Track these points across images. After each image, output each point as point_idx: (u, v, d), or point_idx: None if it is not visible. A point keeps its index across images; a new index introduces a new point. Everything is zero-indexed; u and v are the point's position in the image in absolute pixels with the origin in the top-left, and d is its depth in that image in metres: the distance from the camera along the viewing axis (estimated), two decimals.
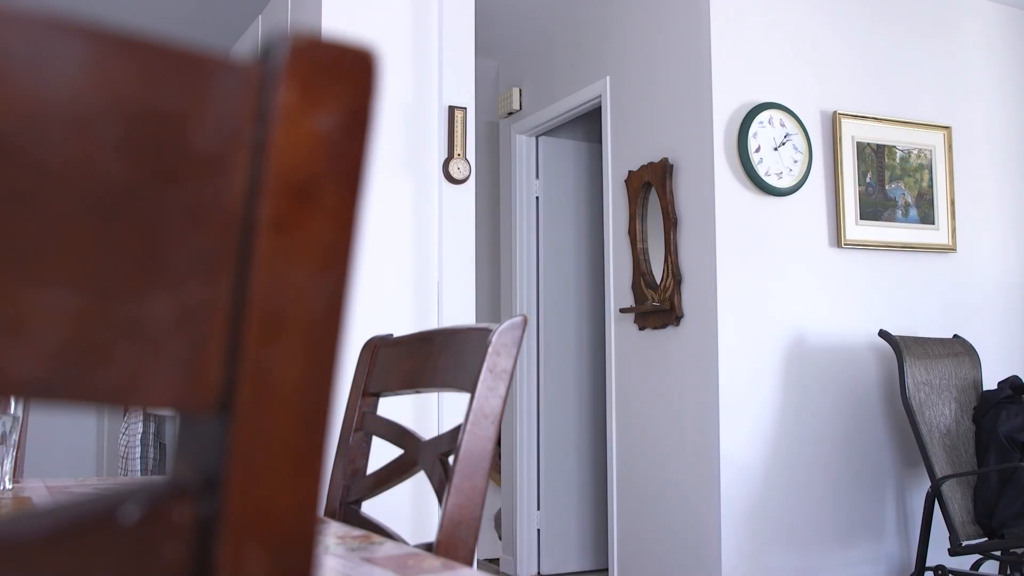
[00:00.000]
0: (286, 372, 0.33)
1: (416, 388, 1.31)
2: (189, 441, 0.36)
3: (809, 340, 3.36)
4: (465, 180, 2.94)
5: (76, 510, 0.32)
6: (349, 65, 0.33)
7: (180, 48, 0.31)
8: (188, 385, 0.33)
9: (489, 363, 1.06)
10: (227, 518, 0.33)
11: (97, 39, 0.30)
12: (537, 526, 4.44)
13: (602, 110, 3.99)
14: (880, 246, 3.52)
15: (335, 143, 0.33)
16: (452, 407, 2.80)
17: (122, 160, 0.30)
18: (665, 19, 3.62)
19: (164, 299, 0.32)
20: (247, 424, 0.33)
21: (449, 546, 1.04)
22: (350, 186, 0.34)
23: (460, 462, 1.06)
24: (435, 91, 2.95)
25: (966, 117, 3.84)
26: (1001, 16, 4.00)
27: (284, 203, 0.33)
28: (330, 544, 0.96)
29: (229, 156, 0.33)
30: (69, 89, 0.29)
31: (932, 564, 3.15)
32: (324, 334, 0.34)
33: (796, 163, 3.41)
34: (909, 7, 3.77)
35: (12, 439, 1.34)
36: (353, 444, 1.39)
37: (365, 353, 1.42)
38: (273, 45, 0.33)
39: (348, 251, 0.34)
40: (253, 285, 0.33)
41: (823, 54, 3.56)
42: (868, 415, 3.46)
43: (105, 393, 0.31)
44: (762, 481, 3.25)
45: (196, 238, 0.32)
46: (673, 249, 3.48)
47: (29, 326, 0.29)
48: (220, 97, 0.32)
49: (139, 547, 0.33)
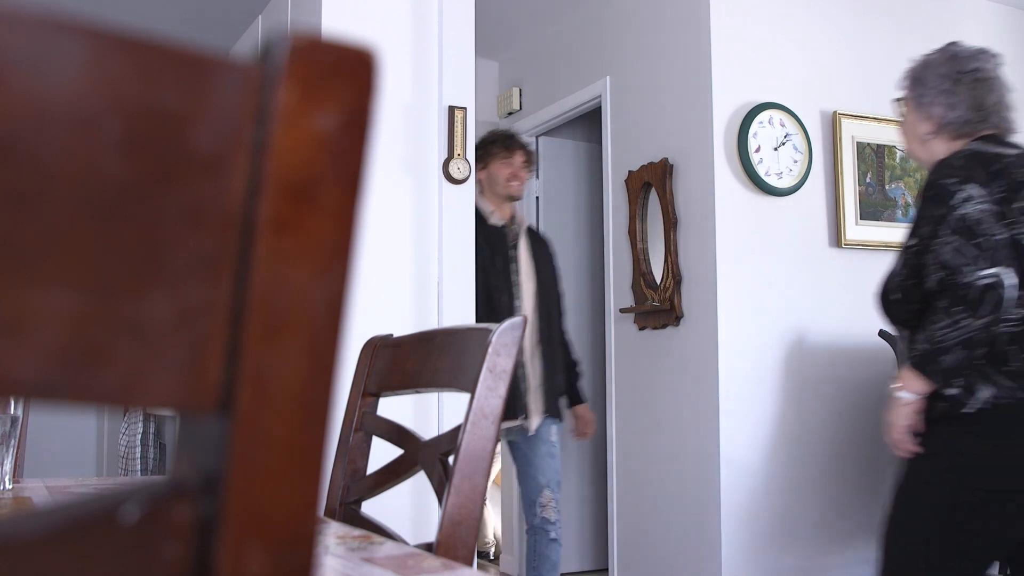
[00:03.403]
0: (286, 372, 0.33)
1: (416, 388, 1.31)
2: (189, 441, 0.36)
3: (809, 340, 3.36)
4: (465, 180, 2.94)
5: (76, 510, 0.32)
6: (349, 65, 0.33)
7: (180, 48, 0.31)
8: (188, 385, 0.33)
9: (489, 363, 1.06)
10: (227, 518, 0.33)
11: (97, 39, 0.30)
12: None
13: (602, 110, 3.99)
14: (880, 246, 3.52)
15: (335, 143, 0.33)
16: (452, 407, 2.80)
17: (122, 160, 0.31)
18: (665, 19, 3.62)
19: (164, 299, 0.32)
20: (247, 424, 0.33)
21: (449, 546, 1.04)
22: (350, 186, 0.34)
23: (460, 462, 1.06)
24: (435, 91, 2.95)
25: None
26: (1001, 16, 4.00)
27: (284, 203, 0.33)
28: (330, 544, 0.96)
29: (229, 156, 0.33)
30: (69, 89, 0.29)
31: None
32: (324, 334, 0.34)
33: (796, 163, 3.41)
34: (909, 7, 3.77)
35: (12, 439, 1.34)
36: (353, 444, 1.39)
37: (365, 353, 1.42)
38: (273, 45, 0.33)
39: (348, 251, 0.34)
40: (253, 285, 0.33)
41: (823, 54, 3.56)
42: (868, 415, 3.46)
43: (105, 393, 0.31)
44: (762, 481, 3.25)
45: (196, 238, 0.32)
46: (673, 249, 3.48)
47: (29, 326, 0.29)
48: (220, 97, 0.32)
49: (139, 547, 0.33)
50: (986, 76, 2.01)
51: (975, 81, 2.00)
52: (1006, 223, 1.84)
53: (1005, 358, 1.83)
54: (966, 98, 2.00)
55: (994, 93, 2.01)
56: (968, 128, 2.01)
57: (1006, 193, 1.87)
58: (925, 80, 2.06)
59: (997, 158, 1.92)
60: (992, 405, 1.82)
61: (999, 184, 1.87)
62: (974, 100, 2.00)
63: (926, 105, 2.06)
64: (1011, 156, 1.94)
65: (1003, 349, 1.84)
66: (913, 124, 2.11)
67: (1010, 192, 1.87)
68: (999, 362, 1.84)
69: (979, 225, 1.82)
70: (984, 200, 1.84)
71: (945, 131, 2.03)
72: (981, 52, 2.05)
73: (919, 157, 2.14)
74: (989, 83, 2.01)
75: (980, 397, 1.83)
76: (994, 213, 1.83)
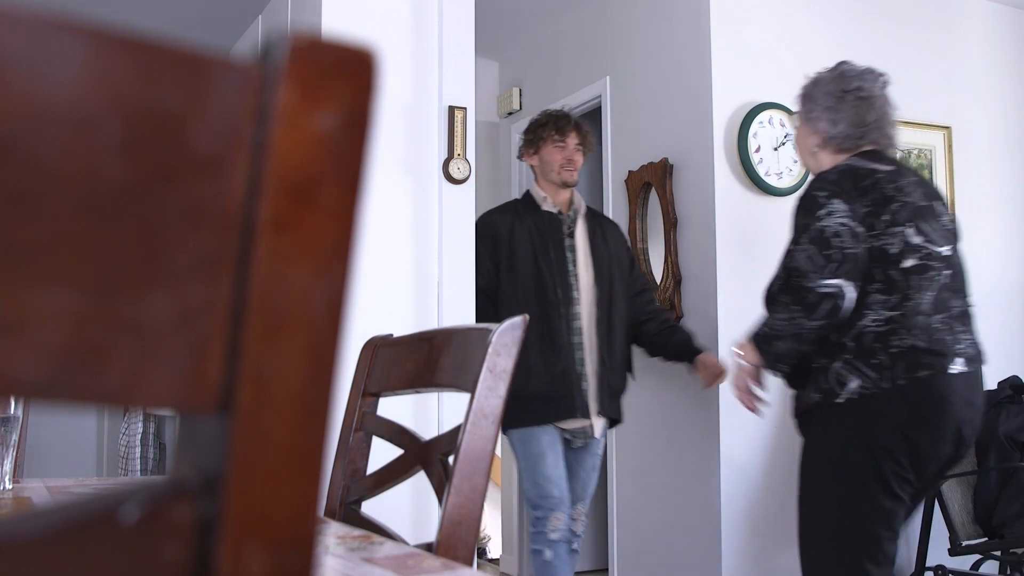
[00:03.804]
0: (286, 372, 0.33)
1: (416, 388, 1.31)
2: (189, 441, 0.36)
3: None
4: (465, 180, 2.94)
5: (76, 510, 0.32)
6: (349, 65, 0.33)
7: (180, 48, 0.31)
8: (188, 385, 0.33)
9: (489, 363, 1.06)
10: (227, 518, 0.33)
11: (97, 39, 0.30)
12: None
13: (602, 110, 3.99)
14: None
15: (335, 143, 0.33)
16: (452, 407, 2.80)
17: (122, 160, 0.30)
18: (665, 19, 3.62)
19: (164, 299, 0.32)
20: (247, 424, 0.33)
21: (449, 546, 1.04)
22: (350, 186, 0.34)
23: (460, 462, 1.06)
24: (435, 91, 2.95)
25: (966, 117, 3.84)
26: (1001, 16, 4.00)
27: (284, 203, 0.33)
28: (330, 544, 0.96)
29: (229, 156, 0.33)
30: (69, 89, 0.29)
31: (932, 564, 3.15)
32: (324, 334, 0.34)
33: (796, 163, 3.41)
34: (909, 7, 3.77)
35: (12, 439, 1.34)
36: (353, 444, 1.39)
37: (365, 353, 1.42)
38: (273, 45, 0.33)
39: (348, 251, 0.34)
40: (253, 285, 0.33)
41: (823, 54, 3.56)
42: None
43: (105, 393, 0.31)
44: (762, 481, 3.25)
45: (196, 238, 0.32)
46: (673, 249, 3.48)
47: (29, 326, 0.29)
48: (220, 97, 0.32)
49: (139, 547, 0.33)
50: (868, 95, 2.20)
51: (858, 99, 2.19)
52: (871, 235, 2.07)
53: (872, 353, 2.07)
54: (848, 115, 2.19)
55: (875, 111, 2.19)
56: (849, 143, 2.20)
57: (872, 207, 2.09)
58: (814, 97, 2.25)
59: (871, 173, 2.12)
60: (859, 395, 2.07)
61: (867, 199, 2.09)
62: (856, 117, 2.19)
63: (813, 120, 2.25)
64: (884, 172, 2.13)
65: (871, 346, 2.07)
66: (803, 137, 2.32)
67: (876, 206, 2.09)
68: (867, 356, 2.07)
69: (835, 238, 2.06)
70: (845, 215, 2.07)
71: (829, 145, 2.23)
72: (867, 72, 2.24)
73: (809, 167, 2.36)
74: (871, 101, 2.20)
75: (850, 388, 2.08)
76: (852, 229, 2.07)
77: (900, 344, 2.06)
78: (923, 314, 2.07)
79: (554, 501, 2.79)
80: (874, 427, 2.07)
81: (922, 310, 2.08)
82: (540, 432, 2.79)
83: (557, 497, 2.78)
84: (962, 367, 2.09)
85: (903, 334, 2.06)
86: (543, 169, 2.95)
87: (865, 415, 2.08)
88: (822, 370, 2.14)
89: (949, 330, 2.10)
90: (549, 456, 2.80)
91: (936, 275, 2.11)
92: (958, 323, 2.13)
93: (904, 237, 2.09)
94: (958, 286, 2.16)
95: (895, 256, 2.08)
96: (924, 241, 2.11)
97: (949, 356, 2.07)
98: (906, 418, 2.06)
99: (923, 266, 2.10)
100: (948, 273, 2.13)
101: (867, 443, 2.08)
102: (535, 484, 2.82)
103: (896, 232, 2.09)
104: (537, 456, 2.81)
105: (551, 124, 2.94)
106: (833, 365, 2.11)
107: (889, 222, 2.08)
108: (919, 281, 2.08)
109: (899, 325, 2.07)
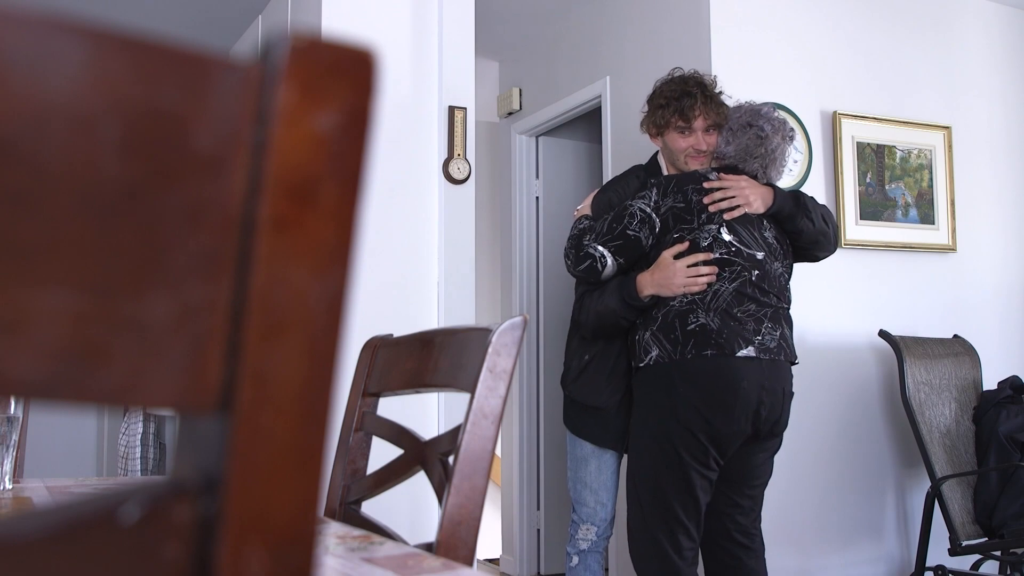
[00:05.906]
0: (286, 372, 0.33)
1: (416, 388, 1.31)
2: (189, 441, 0.36)
3: (809, 340, 3.36)
4: (465, 180, 2.94)
5: (76, 510, 0.32)
6: (349, 65, 0.33)
7: (180, 48, 0.32)
8: (188, 385, 0.33)
9: (489, 363, 1.06)
10: (227, 518, 0.33)
11: (97, 39, 0.30)
12: (537, 526, 4.44)
13: (602, 110, 3.99)
14: (880, 246, 3.52)
15: (335, 143, 0.34)
16: (452, 407, 2.80)
17: (122, 160, 0.31)
18: (665, 19, 3.62)
19: (164, 299, 0.32)
20: (247, 424, 0.33)
21: (449, 546, 1.04)
22: (350, 186, 0.34)
23: (460, 462, 1.06)
24: (435, 91, 2.95)
25: (966, 117, 3.84)
26: (1001, 16, 4.00)
27: (284, 203, 0.33)
28: (330, 544, 0.96)
29: (229, 156, 0.33)
30: (69, 89, 0.29)
31: (932, 564, 3.15)
32: (324, 334, 0.34)
33: (796, 163, 3.41)
34: (909, 7, 3.77)
35: (12, 439, 1.34)
36: (353, 444, 1.39)
37: (365, 353, 1.42)
38: (273, 45, 0.33)
39: (348, 251, 0.34)
40: (253, 285, 0.33)
41: (823, 54, 3.56)
42: (868, 415, 3.47)
43: (105, 393, 0.31)
44: None
45: (196, 238, 0.32)
46: None
47: (29, 326, 0.29)
48: (220, 97, 0.32)
49: (139, 547, 0.33)
50: (766, 136, 2.47)
51: (756, 136, 2.47)
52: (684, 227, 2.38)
53: (672, 328, 2.36)
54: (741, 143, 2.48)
55: (765, 151, 2.47)
56: (728, 162, 2.49)
57: (686, 206, 2.40)
58: (730, 116, 2.55)
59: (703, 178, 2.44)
60: (653, 362, 2.37)
61: (684, 199, 2.40)
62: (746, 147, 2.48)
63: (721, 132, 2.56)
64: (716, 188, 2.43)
65: (671, 322, 2.36)
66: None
67: (693, 206, 2.40)
68: (667, 331, 2.36)
69: (629, 217, 2.42)
70: (648, 205, 2.42)
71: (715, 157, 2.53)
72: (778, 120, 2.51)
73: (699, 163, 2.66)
74: (766, 142, 2.47)
75: (651, 355, 2.38)
76: (648, 216, 2.41)
77: (694, 323, 2.33)
78: (722, 301, 2.34)
79: (586, 512, 2.70)
80: (672, 400, 2.33)
81: (721, 297, 2.35)
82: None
83: (591, 508, 2.69)
84: (753, 353, 2.32)
85: (700, 314, 2.34)
86: (667, 154, 2.62)
87: (661, 380, 2.36)
88: (638, 339, 2.43)
89: (752, 322, 2.35)
90: (592, 463, 2.69)
91: (741, 271, 2.36)
92: (766, 320, 2.37)
93: (715, 233, 2.38)
94: (769, 288, 2.40)
95: (705, 248, 2.37)
96: (734, 239, 2.38)
97: (740, 342, 2.31)
98: (699, 398, 2.30)
99: (728, 260, 2.36)
100: (757, 274, 2.38)
101: (670, 414, 2.33)
102: (574, 488, 2.75)
103: (710, 229, 2.38)
104: (580, 460, 2.72)
105: (672, 107, 2.54)
106: (644, 335, 2.41)
107: (706, 220, 2.38)
108: (722, 272, 2.36)
109: (698, 307, 2.35)
